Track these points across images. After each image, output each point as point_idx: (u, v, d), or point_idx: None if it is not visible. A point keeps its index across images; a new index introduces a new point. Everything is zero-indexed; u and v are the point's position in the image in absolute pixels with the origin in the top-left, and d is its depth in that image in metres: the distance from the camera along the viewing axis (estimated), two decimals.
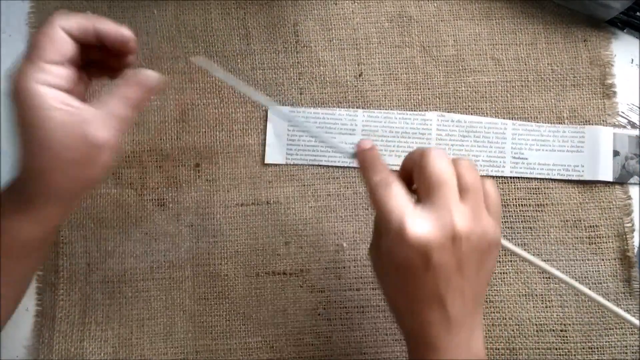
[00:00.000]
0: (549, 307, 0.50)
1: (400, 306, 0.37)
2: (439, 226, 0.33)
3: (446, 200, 0.34)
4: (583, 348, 0.49)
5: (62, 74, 0.36)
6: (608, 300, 0.49)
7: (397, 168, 0.51)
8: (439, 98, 0.53)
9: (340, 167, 0.52)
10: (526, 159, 0.52)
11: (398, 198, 0.35)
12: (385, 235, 0.35)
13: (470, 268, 0.35)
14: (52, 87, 0.35)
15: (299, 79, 0.53)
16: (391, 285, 0.37)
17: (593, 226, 0.51)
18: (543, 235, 0.51)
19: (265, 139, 0.52)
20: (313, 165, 0.52)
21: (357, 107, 0.53)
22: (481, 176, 0.37)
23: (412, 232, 0.33)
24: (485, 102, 0.53)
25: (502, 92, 0.53)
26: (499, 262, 0.50)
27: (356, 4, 0.54)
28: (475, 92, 0.53)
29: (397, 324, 0.38)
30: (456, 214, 0.34)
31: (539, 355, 0.49)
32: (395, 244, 0.34)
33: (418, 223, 0.33)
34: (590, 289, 0.50)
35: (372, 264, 0.39)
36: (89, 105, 0.36)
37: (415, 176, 0.36)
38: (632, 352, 0.49)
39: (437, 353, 0.35)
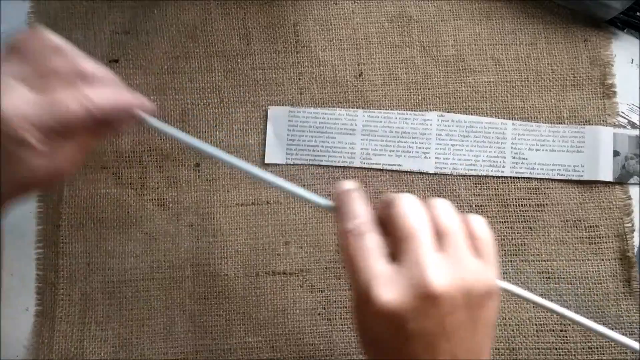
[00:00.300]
0: None
1: None
2: (410, 288, 0.28)
3: (417, 254, 0.29)
4: (583, 348, 0.49)
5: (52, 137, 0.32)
6: (608, 301, 0.49)
7: (396, 168, 0.51)
8: (439, 98, 0.53)
9: (341, 167, 0.52)
10: (526, 159, 0.52)
11: (370, 253, 0.30)
12: (353, 301, 0.31)
13: (461, 329, 0.29)
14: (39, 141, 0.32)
15: (299, 79, 0.53)
16: (372, 356, 0.32)
17: (593, 226, 0.51)
18: (543, 235, 0.51)
19: (265, 139, 0.52)
20: (313, 165, 0.52)
21: (357, 107, 0.53)
22: (466, 213, 0.32)
23: (379, 300, 0.28)
24: (485, 102, 0.53)
25: (502, 92, 0.53)
26: (498, 261, 0.50)
27: (356, 4, 0.54)
28: (475, 92, 0.53)
29: None
30: (430, 269, 0.28)
31: (539, 355, 0.49)
32: (363, 314, 0.30)
33: (386, 287, 0.28)
34: (590, 289, 0.50)
35: (355, 322, 0.33)
36: (64, 141, 0.33)
37: (388, 229, 0.31)
38: (632, 353, 0.49)
39: None
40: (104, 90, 0.34)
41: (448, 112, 0.52)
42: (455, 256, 0.30)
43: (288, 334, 0.50)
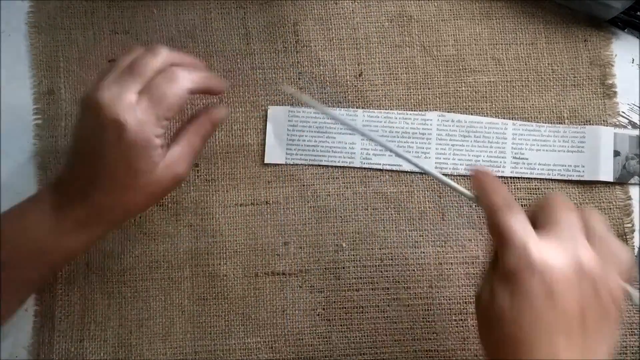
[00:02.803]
0: None
1: (512, 345, 0.32)
2: (564, 255, 0.32)
3: (573, 234, 0.33)
4: None
5: (168, 125, 0.40)
6: None
7: (396, 168, 0.51)
8: (439, 98, 0.53)
9: (340, 167, 0.52)
10: (526, 159, 0.51)
11: (521, 221, 0.33)
12: (505, 256, 0.32)
13: (593, 324, 0.31)
14: (161, 137, 0.39)
15: (299, 79, 0.53)
16: (502, 321, 0.32)
17: None
18: None
19: (265, 139, 0.52)
20: (313, 165, 0.52)
21: (357, 107, 0.53)
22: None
23: (538, 255, 0.31)
24: (486, 102, 0.53)
25: (502, 92, 0.53)
26: None
27: (356, 3, 0.54)
28: (476, 92, 0.53)
29: None
30: (581, 249, 0.32)
31: None
32: (516, 264, 0.32)
33: (543, 248, 0.32)
34: None
35: (481, 310, 0.35)
36: (175, 145, 0.40)
37: (539, 213, 0.35)
38: (632, 353, 0.49)
39: None
40: (195, 73, 0.41)
41: (448, 112, 0.52)
42: (602, 257, 0.32)
43: (287, 334, 0.50)
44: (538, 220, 0.34)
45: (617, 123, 0.52)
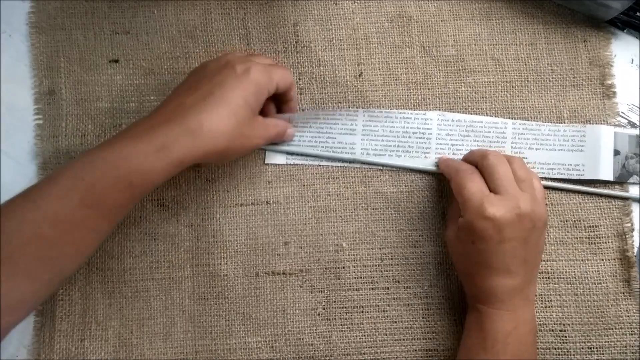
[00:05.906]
0: (549, 307, 0.50)
1: (472, 273, 0.45)
2: (509, 208, 0.43)
3: (511, 190, 0.44)
4: (582, 348, 0.49)
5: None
6: (608, 301, 0.49)
7: (396, 168, 0.51)
8: (439, 98, 0.53)
9: (340, 167, 0.52)
10: (526, 158, 0.52)
11: (478, 185, 0.45)
12: (466, 213, 0.44)
13: (534, 243, 0.45)
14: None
15: (299, 79, 0.53)
16: (468, 256, 0.45)
17: (593, 226, 0.51)
18: None
19: None
20: (313, 165, 0.52)
21: (357, 107, 0.53)
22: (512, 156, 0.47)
23: (490, 211, 0.43)
24: (485, 102, 0.53)
25: (502, 92, 0.53)
26: None
27: (356, 4, 0.54)
28: (475, 92, 0.53)
29: (466, 288, 0.47)
30: (519, 199, 0.44)
31: (539, 355, 0.49)
32: (475, 219, 0.43)
33: (494, 205, 0.43)
34: (589, 289, 0.50)
35: (450, 244, 0.47)
36: (266, 119, 0.48)
37: (485, 174, 0.46)
38: (632, 352, 0.49)
39: (501, 309, 0.44)
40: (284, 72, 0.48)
41: (448, 112, 0.52)
42: (531, 195, 0.45)
43: (288, 334, 0.50)
44: (486, 180, 0.46)
45: (617, 123, 0.52)
